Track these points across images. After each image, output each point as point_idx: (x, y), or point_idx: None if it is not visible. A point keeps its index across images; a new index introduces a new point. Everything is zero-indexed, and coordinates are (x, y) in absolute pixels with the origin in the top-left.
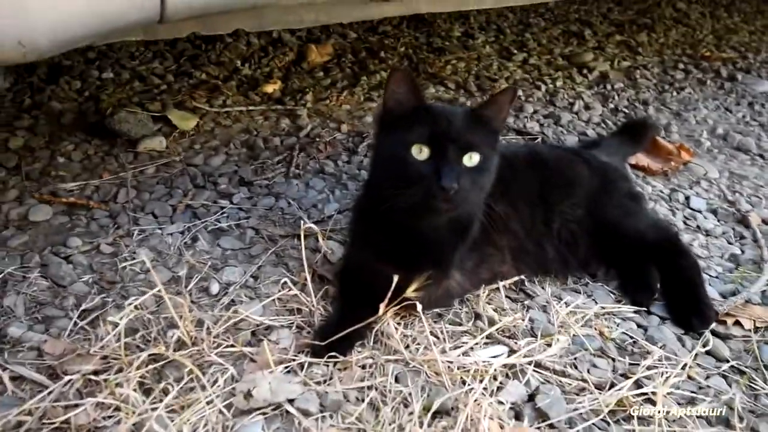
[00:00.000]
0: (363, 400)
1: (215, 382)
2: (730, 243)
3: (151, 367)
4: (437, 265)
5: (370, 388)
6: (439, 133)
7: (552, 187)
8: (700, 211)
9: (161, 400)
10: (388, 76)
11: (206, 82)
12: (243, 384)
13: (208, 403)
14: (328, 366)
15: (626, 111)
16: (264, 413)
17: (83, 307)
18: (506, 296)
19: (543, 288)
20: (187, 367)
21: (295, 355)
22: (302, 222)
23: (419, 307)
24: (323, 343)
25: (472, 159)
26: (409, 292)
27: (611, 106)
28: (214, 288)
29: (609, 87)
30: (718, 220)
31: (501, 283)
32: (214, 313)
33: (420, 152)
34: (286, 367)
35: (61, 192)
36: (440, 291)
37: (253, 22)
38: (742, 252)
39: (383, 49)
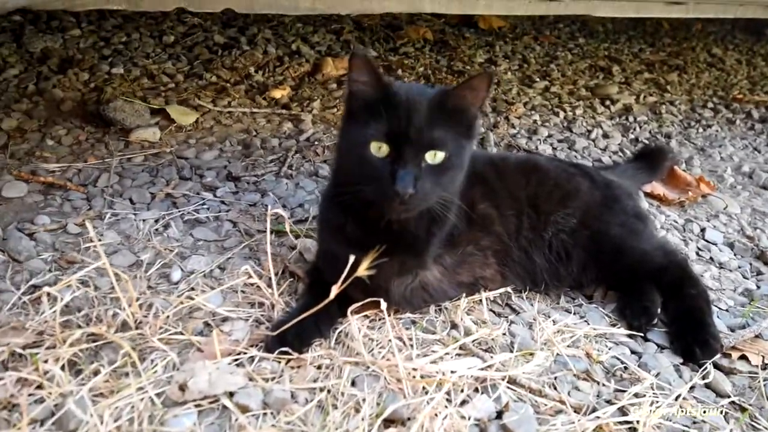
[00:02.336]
0: (312, 402)
1: (154, 368)
2: (745, 277)
3: (85, 346)
4: (410, 250)
5: (322, 389)
6: (398, 131)
7: (546, 196)
8: (715, 244)
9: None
10: (348, 60)
11: (215, 84)
12: (181, 373)
13: (138, 389)
14: (279, 363)
15: (647, 142)
16: (199, 406)
17: (32, 282)
18: (490, 309)
19: (531, 304)
20: (123, 350)
21: (247, 348)
22: (268, 207)
23: (383, 305)
24: (276, 335)
25: (436, 157)
26: (361, 270)
27: (631, 136)
28: (176, 275)
29: (631, 119)
30: (735, 254)
31: (485, 294)
32: (168, 298)
33: (379, 149)
34: (235, 360)
35: (41, 171)
36: (416, 283)
37: (243, 1)
38: (758, 287)
39: (402, 67)
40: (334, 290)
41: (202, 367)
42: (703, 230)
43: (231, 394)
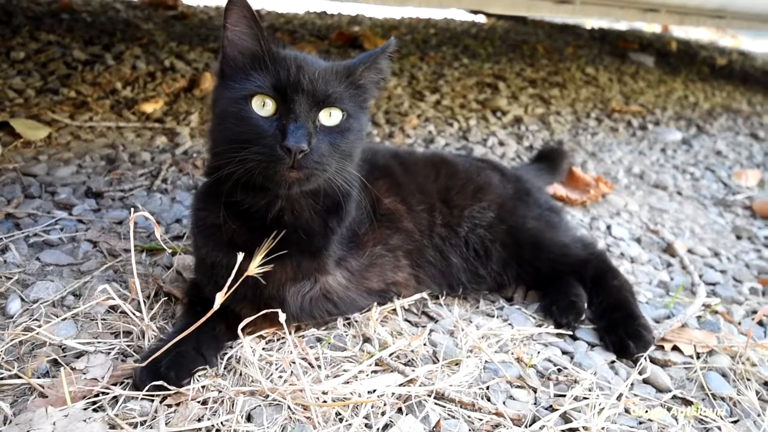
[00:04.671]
0: None
1: None
2: (657, 269)
3: None
4: (305, 248)
5: (210, 429)
6: (287, 81)
7: (459, 189)
8: (622, 239)
9: None
10: (225, 9)
11: (74, 99)
12: (12, 428)
13: None
14: (152, 401)
15: (540, 149)
16: None
17: None
18: (405, 320)
19: (450, 311)
20: None
21: (108, 388)
22: (132, 210)
23: (282, 316)
24: (145, 366)
25: (332, 116)
26: (252, 268)
27: (526, 144)
28: (14, 306)
29: (523, 128)
30: (643, 248)
31: (398, 303)
32: (1, 334)
33: (263, 106)
34: (92, 403)
35: None
36: (316, 291)
37: None
38: (671, 278)
39: None
40: (219, 298)
41: (43, 416)
42: (608, 227)
43: None
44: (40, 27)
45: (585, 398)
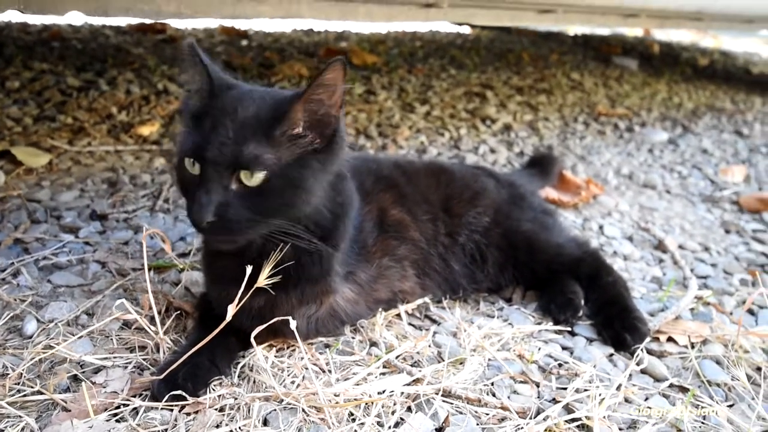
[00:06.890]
0: None
1: None
2: (649, 265)
3: None
4: (307, 277)
5: None
6: (200, 143)
7: (458, 197)
8: (615, 238)
9: None
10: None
11: (71, 125)
12: None
13: None
14: (171, 411)
15: (532, 154)
16: None
17: None
18: (409, 323)
19: (452, 313)
20: None
21: (128, 399)
22: (144, 228)
23: (293, 323)
24: (163, 378)
25: (253, 177)
26: (261, 279)
27: (516, 150)
28: (30, 327)
29: (513, 135)
30: (635, 246)
31: (403, 308)
32: (20, 354)
33: (193, 165)
34: (114, 415)
35: None
36: (322, 312)
37: (92, 5)
38: (664, 274)
39: None
40: (231, 309)
41: (69, 428)
42: (601, 227)
43: None
44: (33, 56)
45: (586, 390)
